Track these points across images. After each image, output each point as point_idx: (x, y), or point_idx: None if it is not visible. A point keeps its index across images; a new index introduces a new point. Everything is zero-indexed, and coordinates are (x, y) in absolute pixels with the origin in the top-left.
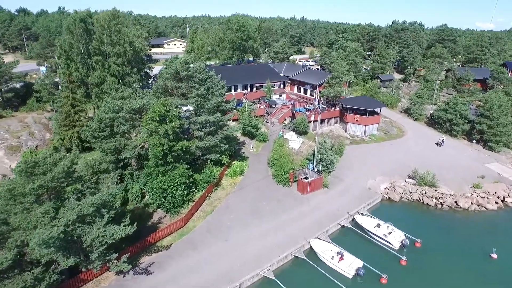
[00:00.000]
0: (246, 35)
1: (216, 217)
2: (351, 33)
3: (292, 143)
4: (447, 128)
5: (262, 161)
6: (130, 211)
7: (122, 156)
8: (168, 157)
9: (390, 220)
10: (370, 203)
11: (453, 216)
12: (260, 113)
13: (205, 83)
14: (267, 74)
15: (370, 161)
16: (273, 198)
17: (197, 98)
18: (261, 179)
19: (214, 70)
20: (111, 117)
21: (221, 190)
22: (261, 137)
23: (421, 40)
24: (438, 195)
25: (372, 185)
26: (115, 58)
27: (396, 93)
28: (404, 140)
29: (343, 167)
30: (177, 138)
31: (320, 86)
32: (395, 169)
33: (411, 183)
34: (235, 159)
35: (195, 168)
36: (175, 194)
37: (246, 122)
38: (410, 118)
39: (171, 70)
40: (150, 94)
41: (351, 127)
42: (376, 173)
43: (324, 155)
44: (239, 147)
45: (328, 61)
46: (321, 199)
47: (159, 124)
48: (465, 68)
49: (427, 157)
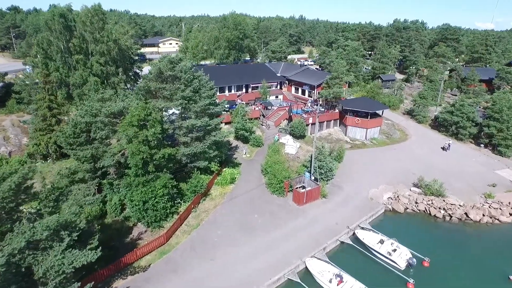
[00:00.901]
0: (242, 34)
1: (202, 232)
2: (351, 32)
3: (288, 148)
4: (453, 131)
5: (255, 168)
6: (107, 225)
7: (100, 165)
8: (149, 166)
9: (394, 234)
10: (372, 215)
11: (464, 229)
12: (255, 115)
13: (191, 84)
14: (264, 74)
15: (372, 167)
16: (266, 210)
17: (182, 100)
18: (254, 188)
19: (205, 70)
20: (87, 122)
21: (210, 200)
22: (256, 142)
23: (423, 39)
24: (446, 206)
25: (375, 195)
26: (98, 57)
27: (398, 94)
28: (407, 144)
29: (342, 174)
30: (159, 145)
31: (318, 86)
32: (399, 177)
33: (417, 192)
34: (226, 166)
35: (182, 177)
36: (157, 207)
37: (239, 125)
38: (414, 121)
39: (154, 70)
40: (132, 96)
41: (352, 130)
42: (378, 181)
43: (322, 162)
44: (231, 153)
45: (327, 61)
46: (319, 211)
47: (139, 130)
48: (470, 68)
49: (433, 163)
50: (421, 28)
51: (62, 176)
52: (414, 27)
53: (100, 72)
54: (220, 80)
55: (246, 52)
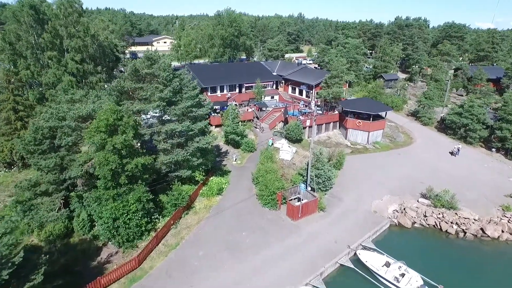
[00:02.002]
0: (237, 31)
1: (182, 253)
2: (351, 29)
3: (282, 154)
4: (462, 134)
5: (246, 176)
6: (73, 245)
7: (66, 176)
8: (121, 177)
9: (401, 254)
10: (376, 231)
11: (481, 248)
12: (248, 117)
13: (170, 83)
14: (259, 73)
15: (374, 175)
16: (256, 226)
17: (160, 102)
18: (244, 199)
19: (195, 68)
20: (52, 126)
21: (193, 214)
22: (247, 146)
23: (426, 37)
24: (459, 220)
25: (378, 207)
26: (74, 54)
27: (401, 94)
28: (413, 149)
29: (342, 183)
30: (132, 153)
31: (317, 86)
32: (405, 186)
33: (425, 204)
34: (213, 174)
35: (163, 188)
36: (129, 224)
37: (229, 128)
38: (419, 123)
39: (129, 68)
40: (105, 97)
41: (352, 133)
42: (382, 191)
43: (320, 170)
44: (220, 159)
45: (327, 59)
46: (316, 226)
47: (108, 136)
48: (477, 67)
49: (442, 169)
50: (424, 26)
51: (21, 188)
52: (416, 25)
53: (76, 71)
54: (212, 79)
55: (242, 51)
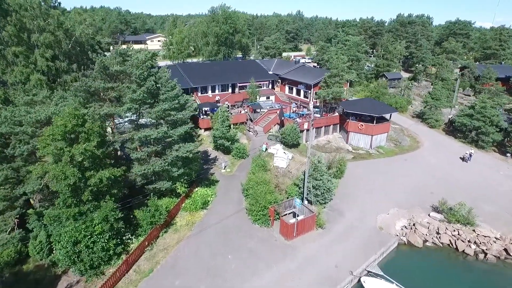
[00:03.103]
0: (233, 29)
1: (154, 283)
2: (352, 27)
3: (277, 161)
4: (473, 137)
5: (236, 186)
6: (26, 273)
7: (21, 190)
8: (84, 193)
9: (412, 279)
10: (383, 252)
11: (505, 272)
12: (241, 119)
13: (145, 82)
14: (253, 72)
15: (379, 184)
16: (244, 248)
17: (131, 104)
18: (232, 214)
19: (184, 67)
20: (3, 133)
21: (173, 233)
22: (239, 152)
23: (430, 35)
24: (478, 239)
25: (384, 222)
26: (44, 50)
27: (406, 94)
28: (420, 154)
29: (344, 194)
30: (98, 165)
31: (315, 86)
32: (413, 197)
33: (438, 219)
34: (199, 184)
35: (140, 202)
36: (94, 248)
37: (218, 133)
38: (425, 125)
39: (98, 64)
40: (71, 99)
41: (354, 137)
42: (388, 203)
43: (319, 181)
44: (208, 166)
45: (326, 57)
46: (313, 247)
47: (67, 145)
48: (485, 65)
49: (453, 177)
50: (427, 23)
51: None
52: (420, 22)
53: (46, 69)
54: (202, 79)
55: (238, 49)
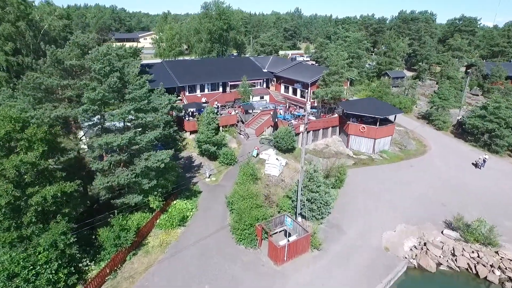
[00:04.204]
0: (227, 25)
1: None
2: (352, 24)
3: (269, 168)
4: (485, 141)
5: (220, 198)
6: None
7: None
8: (26, 214)
9: None
10: (390, 280)
11: None
12: (230, 121)
13: (106, 78)
14: (247, 69)
15: (383, 194)
16: (225, 275)
17: (88, 105)
18: (213, 232)
19: (169, 65)
20: None
21: (143, 256)
22: (226, 158)
23: (433, 32)
24: (502, 263)
25: (391, 241)
26: (3, 42)
27: (410, 93)
28: (428, 159)
29: (343, 206)
30: (45, 179)
31: (313, 84)
32: (422, 210)
33: (453, 237)
34: (177, 196)
35: (109, 218)
36: (36, 282)
37: (203, 136)
38: (432, 126)
39: (48, 58)
40: (19, 99)
41: (355, 140)
42: (394, 218)
43: (315, 193)
44: (191, 174)
45: (325, 54)
46: (307, 274)
47: (3, 156)
48: (493, 63)
49: (466, 186)
50: (431, 20)
51: None
52: (423, 18)
53: (6, 64)
54: (190, 77)
55: (233, 47)
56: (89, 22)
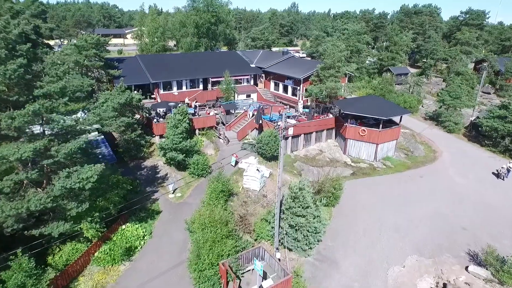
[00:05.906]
0: (215, 18)
1: None
2: (351, 18)
3: (247, 181)
4: (506, 145)
5: (182, 221)
6: None
7: None
8: None
9: None
10: None
11: None
12: (209, 123)
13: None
14: (232, 64)
15: (388, 215)
16: None
17: None
18: (167, 270)
19: (144, 59)
20: None
21: None
22: (197, 169)
23: (438, 26)
24: None
25: (399, 282)
26: None
27: (415, 91)
28: (440, 168)
29: (338, 231)
30: None
31: (306, 81)
32: (438, 235)
33: (482, 277)
34: (128, 218)
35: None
36: None
37: (168, 142)
38: (441, 129)
39: None
40: None
41: (354, 145)
42: (403, 247)
43: (301, 217)
44: (153, 188)
45: (321, 49)
46: None
47: None
48: (508, 58)
49: (490, 203)
50: (435, 13)
51: None
52: (427, 11)
53: None
54: (166, 73)
55: (223, 42)
56: (65, 15)
